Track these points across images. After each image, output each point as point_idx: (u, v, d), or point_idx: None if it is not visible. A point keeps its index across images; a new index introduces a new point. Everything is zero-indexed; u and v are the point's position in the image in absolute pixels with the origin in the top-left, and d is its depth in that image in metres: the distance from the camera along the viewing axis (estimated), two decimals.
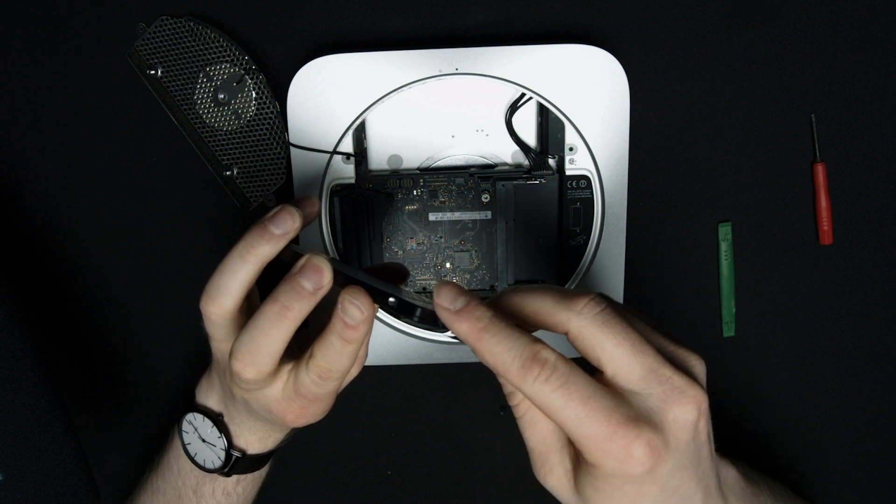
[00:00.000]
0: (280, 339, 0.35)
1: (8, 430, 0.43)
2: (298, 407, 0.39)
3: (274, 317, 0.35)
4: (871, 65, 0.50)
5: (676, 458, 0.31)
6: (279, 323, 0.35)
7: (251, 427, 0.44)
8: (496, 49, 0.46)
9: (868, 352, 0.54)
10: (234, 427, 0.44)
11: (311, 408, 0.39)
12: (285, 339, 0.36)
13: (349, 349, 0.36)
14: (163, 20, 0.48)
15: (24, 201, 0.53)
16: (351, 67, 0.46)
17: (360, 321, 0.35)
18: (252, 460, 0.45)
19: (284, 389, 0.39)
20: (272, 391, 0.39)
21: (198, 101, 0.49)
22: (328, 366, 0.37)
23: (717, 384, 0.54)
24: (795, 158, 0.51)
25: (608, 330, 0.31)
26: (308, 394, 0.38)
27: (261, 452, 0.45)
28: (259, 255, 0.36)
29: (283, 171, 0.49)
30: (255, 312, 0.36)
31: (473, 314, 0.31)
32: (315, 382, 0.37)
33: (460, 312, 0.32)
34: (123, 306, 0.54)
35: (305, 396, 0.38)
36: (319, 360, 0.37)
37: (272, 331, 0.35)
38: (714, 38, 0.49)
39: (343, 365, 0.37)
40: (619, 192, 0.48)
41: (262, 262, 0.36)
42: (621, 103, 0.47)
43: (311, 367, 0.37)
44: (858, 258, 0.52)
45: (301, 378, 0.37)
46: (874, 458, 0.55)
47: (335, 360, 0.36)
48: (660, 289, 0.53)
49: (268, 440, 0.45)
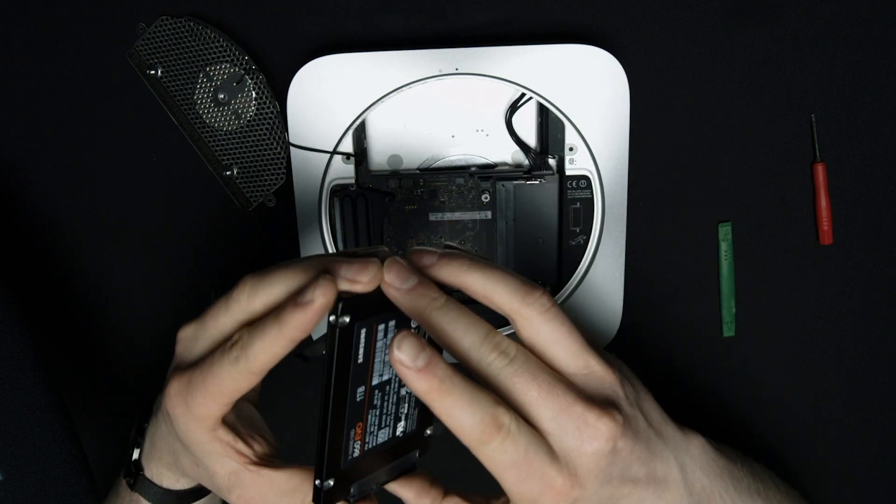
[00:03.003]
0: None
1: (8, 430, 0.43)
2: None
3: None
4: (871, 65, 0.50)
5: (595, 487, 0.32)
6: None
7: (169, 469, 0.41)
8: (496, 49, 0.46)
9: (868, 352, 0.54)
10: (151, 462, 0.41)
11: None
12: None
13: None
14: (163, 20, 0.48)
15: (24, 201, 0.52)
16: (351, 67, 0.46)
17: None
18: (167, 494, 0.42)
19: None
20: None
21: (198, 101, 0.49)
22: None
23: (717, 384, 0.54)
24: (795, 158, 0.51)
25: (553, 325, 0.32)
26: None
27: (182, 488, 0.42)
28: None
29: (283, 171, 0.49)
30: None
31: (434, 372, 0.30)
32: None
33: (421, 371, 0.30)
34: (123, 306, 0.54)
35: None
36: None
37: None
38: (714, 38, 0.49)
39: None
40: (619, 192, 0.48)
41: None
42: (621, 103, 0.47)
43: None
44: (858, 258, 0.52)
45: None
46: (874, 458, 0.55)
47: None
48: (660, 289, 0.53)
49: (185, 482, 0.42)
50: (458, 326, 0.31)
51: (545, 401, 0.31)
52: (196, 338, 0.36)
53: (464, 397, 0.31)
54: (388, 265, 0.31)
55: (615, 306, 0.50)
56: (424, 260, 0.33)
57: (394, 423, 0.37)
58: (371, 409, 0.36)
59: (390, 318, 0.34)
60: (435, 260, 0.32)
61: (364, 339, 0.33)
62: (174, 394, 0.35)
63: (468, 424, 0.31)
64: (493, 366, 0.31)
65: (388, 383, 0.36)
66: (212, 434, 0.35)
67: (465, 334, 0.31)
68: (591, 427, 0.32)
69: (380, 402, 0.36)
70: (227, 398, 0.34)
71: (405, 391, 0.37)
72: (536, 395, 0.31)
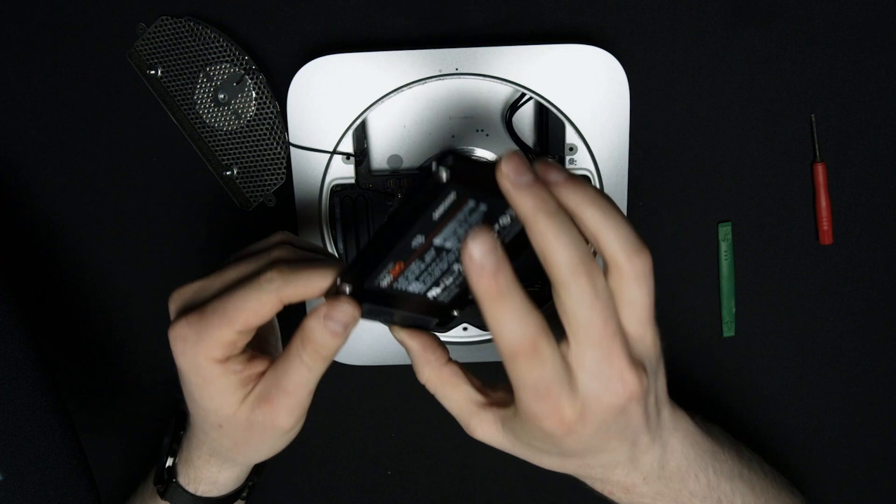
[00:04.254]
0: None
1: (8, 430, 0.43)
2: (265, 413, 0.37)
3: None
4: (871, 65, 0.50)
5: (593, 431, 0.33)
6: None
7: (217, 469, 0.43)
8: (496, 49, 0.46)
9: (868, 352, 0.54)
10: (194, 472, 0.43)
11: (278, 412, 0.37)
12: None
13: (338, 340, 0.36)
14: (163, 20, 0.48)
15: (25, 201, 0.53)
16: (351, 67, 0.46)
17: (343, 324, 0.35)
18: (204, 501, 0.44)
19: (253, 392, 0.37)
20: (236, 379, 0.37)
21: (198, 101, 0.49)
22: (321, 342, 0.35)
23: (717, 384, 0.54)
24: (795, 158, 0.51)
25: (641, 290, 0.34)
26: (289, 385, 0.36)
27: (223, 494, 0.44)
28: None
29: (283, 171, 0.49)
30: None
31: (497, 277, 0.30)
32: (304, 360, 0.36)
33: (486, 271, 0.30)
34: (123, 306, 0.54)
35: (281, 387, 0.37)
36: (308, 334, 0.36)
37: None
38: (714, 38, 0.49)
39: (334, 345, 0.36)
40: (619, 192, 0.48)
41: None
42: (621, 103, 0.47)
43: (300, 342, 0.36)
44: (858, 258, 0.52)
45: (284, 363, 0.37)
46: (874, 458, 0.55)
47: (327, 340, 0.35)
48: (660, 289, 0.53)
49: (232, 479, 0.44)
50: (563, 238, 0.30)
51: (599, 345, 0.32)
52: (207, 287, 0.38)
53: (516, 312, 0.31)
54: (508, 156, 0.31)
55: None
56: (551, 175, 0.32)
57: (431, 284, 0.37)
58: (418, 260, 0.36)
59: (485, 201, 0.34)
60: (562, 178, 0.32)
61: (451, 201, 0.34)
62: (185, 324, 0.36)
63: (507, 337, 0.31)
64: (578, 289, 0.31)
65: (445, 251, 0.36)
66: (222, 367, 0.36)
67: (566, 248, 0.31)
68: (620, 383, 0.32)
69: (429, 261, 0.36)
70: (242, 325, 0.35)
71: (458, 268, 0.37)
72: (596, 337, 0.32)
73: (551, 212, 0.31)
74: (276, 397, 0.37)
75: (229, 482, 0.44)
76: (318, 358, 0.36)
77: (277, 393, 0.37)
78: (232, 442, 0.39)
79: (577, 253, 0.31)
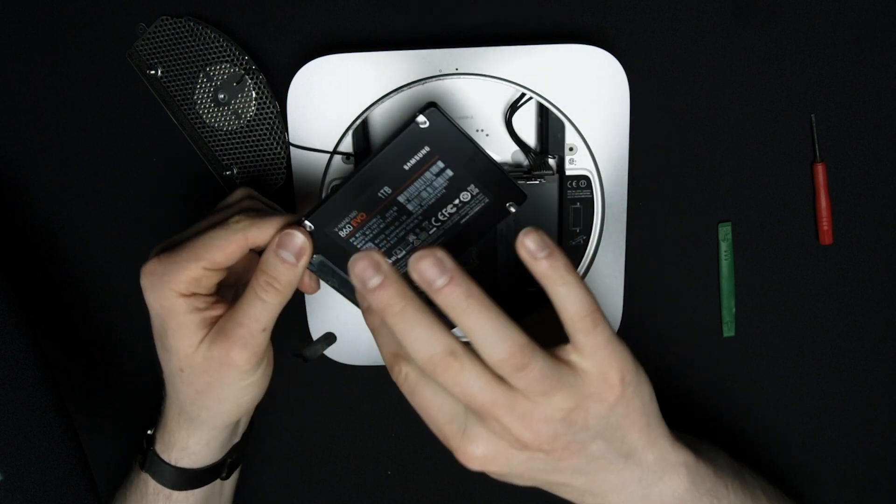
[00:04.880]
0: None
1: (8, 430, 0.43)
2: (219, 348, 0.39)
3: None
4: (871, 65, 0.50)
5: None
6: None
7: (186, 433, 0.44)
8: (496, 49, 0.46)
9: (868, 352, 0.54)
10: (167, 436, 0.44)
11: (231, 345, 0.38)
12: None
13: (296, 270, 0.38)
14: (163, 20, 0.48)
15: (25, 201, 0.53)
16: (351, 67, 0.46)
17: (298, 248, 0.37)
18: (187, 474, 0.45)
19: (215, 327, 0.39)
20: (196, 318, 0.39)
21: (198, 101, 0.49)
22: (274, 274, 0.37)
23: (717, 384, 0.54)
24: (795, 158, 0.51)
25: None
26: (242, 317, 0.38)
27: (198, 466, 0.45)
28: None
29: (283, 171, 0.49)
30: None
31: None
32: (258, 293, 0.38)
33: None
34: (123, 306, 0.54)
35: (234, 320, 0.38)
36: (263, 267, 0.38)
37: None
38: (714, 38, 0.49)
39: (288, 277, 0.37)
40: (619, 192, 0.48)
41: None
42: (621, 103, 0.47)
43: (255, 275, 0.38)
44: (858, 258, 0.52)
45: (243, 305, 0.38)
46: (874, 458, 0.55)
47: (280, 270, 0.37)
48: (660, 289, 0.53)
49: (201, 444, 0.44)
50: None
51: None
52: (181, 237, 0.40)
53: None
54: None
55: (615, 306, 0.50)
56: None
57: (383, 252, 0.39)
58: (379, 216, 0.38)
59: (451, 168, 0.37)
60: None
61: (422, 154, 0.36)
62: (156, 261, 0.39)
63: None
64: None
65: (406, 214, 0.38)
66: (186, 301, 0.38)
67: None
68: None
69: (389, 220, 0.38)
70: (209, 261, 0.38)
71: (412, 240, 0.39)
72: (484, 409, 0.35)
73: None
74: (229, 330, 0.38)
75: (200, 450, 0.44)
76: (272, 290, 0.38)
77: (231, 326, 0.38)
78: (194, 390, 0.41)
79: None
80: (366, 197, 0.37)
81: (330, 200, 0.38)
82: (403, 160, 0.36)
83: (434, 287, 0.32)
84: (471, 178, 0.37)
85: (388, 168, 0.37)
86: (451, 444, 0.37)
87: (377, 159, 0.37)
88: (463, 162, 0.37)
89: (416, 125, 0.36)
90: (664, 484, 0.39)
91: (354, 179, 0.37)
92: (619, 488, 0.38)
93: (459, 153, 0.37)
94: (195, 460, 0.45)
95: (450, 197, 0.38)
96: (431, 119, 0.36)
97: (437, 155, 0.36)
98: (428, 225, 0.39)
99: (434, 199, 0.38)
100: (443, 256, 0.32)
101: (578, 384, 0.35)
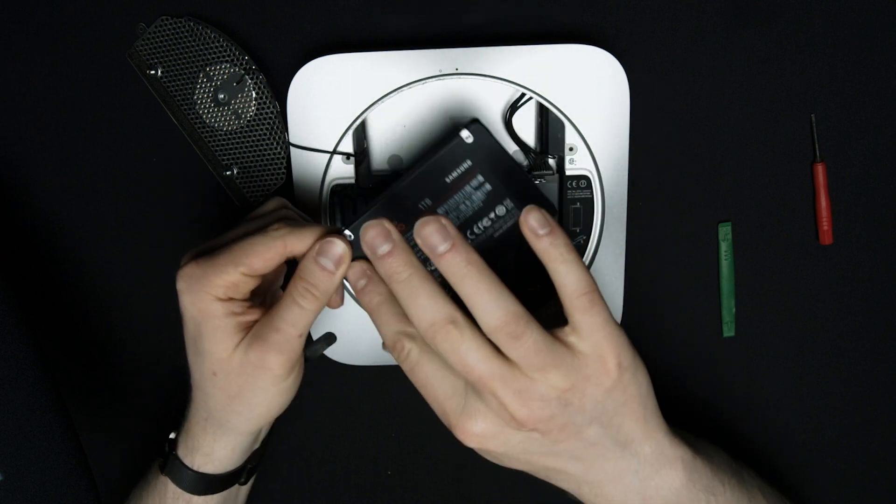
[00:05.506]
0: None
1: (8, 430, 0.43)
2: (256, 352, 0.39)
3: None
4: (871, 65, 0.50)
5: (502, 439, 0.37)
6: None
7: (212, 438, 0.44)
8: (496, 49, 0.46)
9: (868, 352, 0.54)
10: (191, 441, 0.44)
11: (268, 350, 0.39)
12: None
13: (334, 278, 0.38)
14: (163, 20, 0.48)
15: (25, 201, 0.53)
16: (351, 67, 0.46)
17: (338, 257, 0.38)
18: (209, 479, 0.45)
19: (250, 334, 0.39)
20: (232, 322, 0.39)
21: (198, 101, 0.49)
22: (313, 281, 0.38)
23: (717, 384, 0.54)
24: (795, 158, 0.51)
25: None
26: (280, 323, 0.38)
27: (220, 472, 0.45)
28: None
29: (283, 171, 0.49)
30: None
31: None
32: (296, 299, 0.38)
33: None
34: (123, 306, 0.54)
35: (272, 325, 0.38)
36: (302, 274, 0.38)
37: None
38: (714, 38, 0.49)
39: (326, 284, 0.38)
40: (619, 192, 0.48)
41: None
42: (621, 103, 0.47)
43: (294, 281, 0.38)
44: (858, 258, 0.52)
45: (279, 308, 0.39)
46: (874, 458, 0.55)
47: (319, 278, 0.38)
48: (660, 289, 0.53)
49: (226, 450, 0.44)
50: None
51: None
52: (218, 242, 0.40)
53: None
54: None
55: (615, 306, 0.50)
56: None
57: (421, 261, 0.40)
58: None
59: (491, 182, 0.38)
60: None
61: (465, 168, 0.38)
62: (193, 265, 0.39)
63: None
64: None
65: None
66: (222, 305, 0.39)
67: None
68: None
69: None
70: (247, 267, 0.38)
71: None
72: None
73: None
74: (266, 335, 0.39)
75: (224, 456, 0.44)
76: (310, 297, 0.38)
77: (268, 330, 0.39)
78: (226, 395, 0.41)
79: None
80: (406, 209, 0.38)
81: (371, 211, 0.38)
82: (446, 173, 0.38)
83: (437, 252, 0.34)
84: (507, 193, 0.38)
85: (430, 180, 0.38)
86: (449, 420, 0.38)
87: (421, 171, 0.37)
88: (501, 176, 0.38)
89: (460, 139, 0.37)
90: (660, 478, 0.39)
91: (397, 191, 0.38)
92: (615, 478, 0.38)
93: (498, 168, 0.38)
94: (218, 466, 0.44)
95: (486, 211, 0.39)
96: (475, 134, 0.37)
97: (478, 169, 0.37)
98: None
99: (471, 213, 0.39)
100: (447, 223, 0.34)
101: (575, 364, 0.36)
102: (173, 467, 0.45)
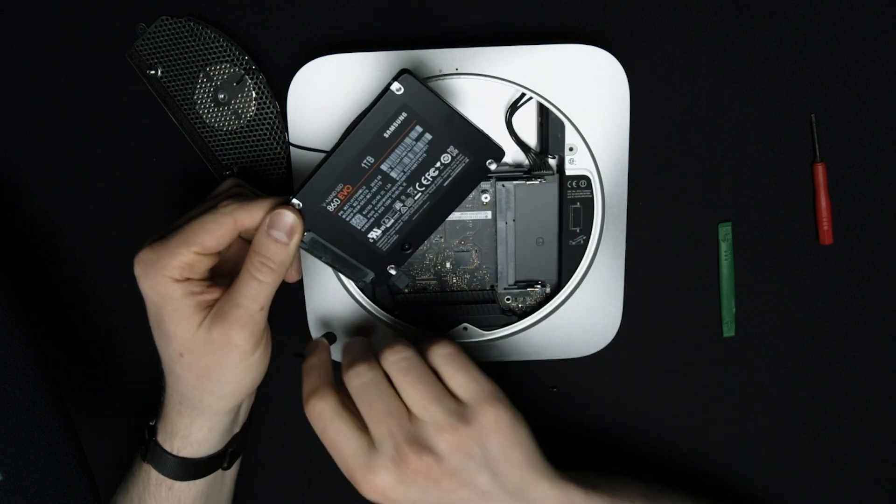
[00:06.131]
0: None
1: (8, 430, 0.43)
2: (219, 329, 0.39)
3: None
4: (871, 65, 0.50)
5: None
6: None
7: (188, 420, 0.44)
8: (496, 49, 0.46)
9: (868, 352, 0.54)
10: (169, 425, 0.44)
11: (230, 325, 0.39)
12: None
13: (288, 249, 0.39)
14: (163, 20, 0.48)
15: (25, 201, 0.53)
16: (351, 67, 0.46)
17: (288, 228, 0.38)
18: (189, 463, 0.45)
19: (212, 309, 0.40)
20: (195, 301, 0.40)
21: (198, 101, 0.49)
22: (268, 254, 0.38)
23: (717, 384, 0.54)
24: (795, 158, 0.51)
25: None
26: (240, 298, 0.39)
27: (200, 456, 0.45)
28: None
29: (283, 171, 0.49)
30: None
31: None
32: (253, 274, 0.39)
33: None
34: (123, 306, 0.54)
35: (232, 301, 0.39)
36: (257, 248, 0.39)
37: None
38: (714, 38, 0.49)
39: (281, 256, 0.38)
40: (619, 192, 0.48)
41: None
42: (621, 103, 0.47)
43: (249, 256, 0.39)
44: (858, 258, 0.52)
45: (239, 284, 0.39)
46: (874, 458, 0.55)
47: (273, 250, 0.38)
48: (660, 289, 0.53)
49: (203, 432, 0.45)
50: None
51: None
52: (171, 226, 0.41)
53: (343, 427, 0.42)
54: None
55: (615, 306, 0.50)
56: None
57: (373, 222, 0.41)
58: (364, 187, 0.39)
59: (430, 132, 0.38)
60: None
61: (400, 121, 0.37)
62: (148, 250, 0.40)
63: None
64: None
65: (390, 182, 0.39)
66: (180, 286, 0.39)
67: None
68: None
69: (375, 189, 0.39)
70: (199, 245, 0.38)
71: (399, 207, 0.40)
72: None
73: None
74: (227, 311, 0.39)
75: (202, 438, 0.44)
76: (266, 270, 0.39)
77: (229, 307, 0.39)
78: (195, 375, 0.41)
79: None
80: (350, 169, 0.39)
81: (315, 176, 0.39)
82: (383, 128, 0.38)
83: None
84: (449, 140, 0.39)
85: (369, 137, 0.38)
86: (355, 476, 0.40)
87: (357, 130, 0.38)
88: (440, 124, 0.38)
89: (391, 92, 0.37)
90: None
91: (337, 152, 0.38)
92: None
93: (436, 116, 0.38)
94: (197, 449, 0.45)
95: (431, 161, 0.39)
96: (406, 85, 0.37)
97: (415, 120, 0.38)
98: (413, 191, 0.40)
99: (416, 165, 0.40)
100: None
101: (458, 408, 0.39)
102: (154, 454, 0.45)
